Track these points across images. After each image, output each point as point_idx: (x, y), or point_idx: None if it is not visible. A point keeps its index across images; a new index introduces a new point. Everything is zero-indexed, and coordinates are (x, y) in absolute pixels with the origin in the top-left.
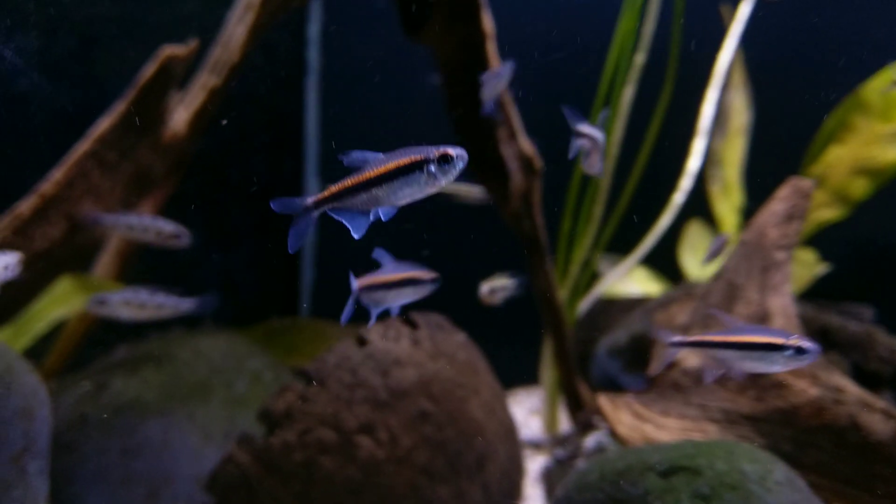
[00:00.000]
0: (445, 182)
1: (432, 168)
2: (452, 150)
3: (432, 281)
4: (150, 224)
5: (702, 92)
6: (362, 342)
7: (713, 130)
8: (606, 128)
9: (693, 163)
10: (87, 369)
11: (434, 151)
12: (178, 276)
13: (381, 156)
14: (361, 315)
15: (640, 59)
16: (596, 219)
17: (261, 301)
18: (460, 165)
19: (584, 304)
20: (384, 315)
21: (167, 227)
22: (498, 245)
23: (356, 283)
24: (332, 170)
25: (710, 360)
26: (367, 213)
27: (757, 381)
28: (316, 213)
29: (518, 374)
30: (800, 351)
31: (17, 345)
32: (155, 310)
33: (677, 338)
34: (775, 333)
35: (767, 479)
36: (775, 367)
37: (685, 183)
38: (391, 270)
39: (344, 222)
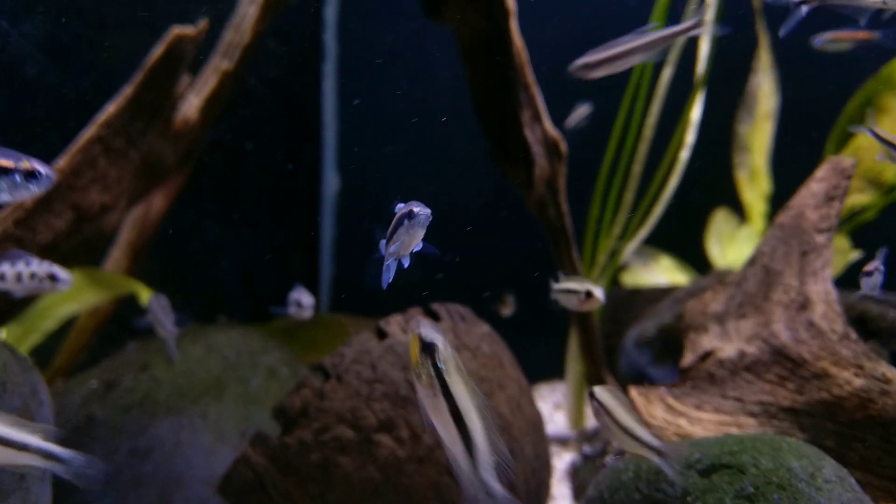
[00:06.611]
0: None
1: None
2: None
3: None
4: None
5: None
6: (382, 335)
7: (741, 116)
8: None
9: (695, 113)
10: (96, 367)
11: None
12: (194, 270)
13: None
14: (383, 309)
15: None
16: (626, 206)
17: (280, 295)
18: None
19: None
20: (404, 306)
21: None
22: (523, 237)
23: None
24: (349, 159)
25: None
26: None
27: (797, 373)
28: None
29: (540, 369)
30: None
31: (26, 343)
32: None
33: None
34: None
35: (817, 476)
36: None
37: (689, 138)
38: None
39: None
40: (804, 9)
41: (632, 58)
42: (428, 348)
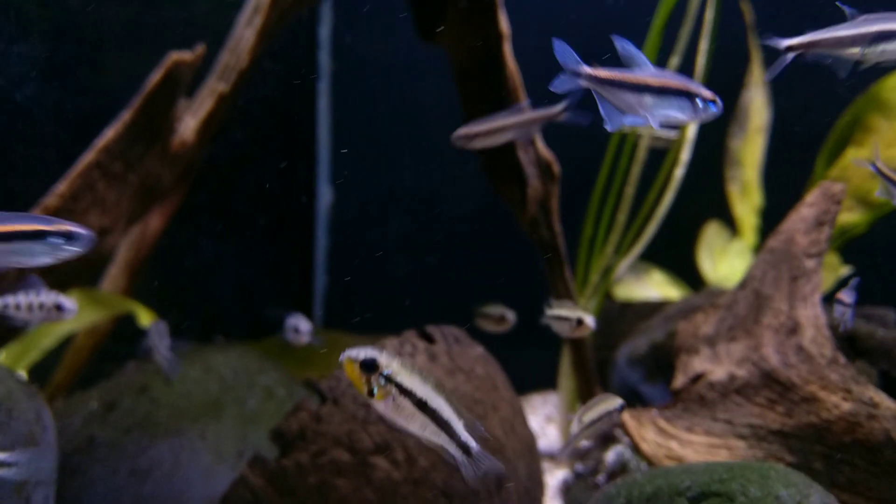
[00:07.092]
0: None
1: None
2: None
3: None
4: None
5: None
6: None
7: (733, 130)
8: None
9: (690, 129)
10: (96, 387)
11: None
12: (191, 288)
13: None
14: (378, 327)
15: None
16: (619, 226)
17: (274, 305)
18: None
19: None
20: (397, 322)
21: None
22: (514, 253)
23: None
24: (344, 176)
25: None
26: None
27: (786, 396)
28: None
29: (532, 379)
30: None
31: (26, 360)
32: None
33: None
34: None
35: None
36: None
37: (684, 155)
38: None
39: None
40: (790, 55)
41: (505, 133)
42: (368, 366)
